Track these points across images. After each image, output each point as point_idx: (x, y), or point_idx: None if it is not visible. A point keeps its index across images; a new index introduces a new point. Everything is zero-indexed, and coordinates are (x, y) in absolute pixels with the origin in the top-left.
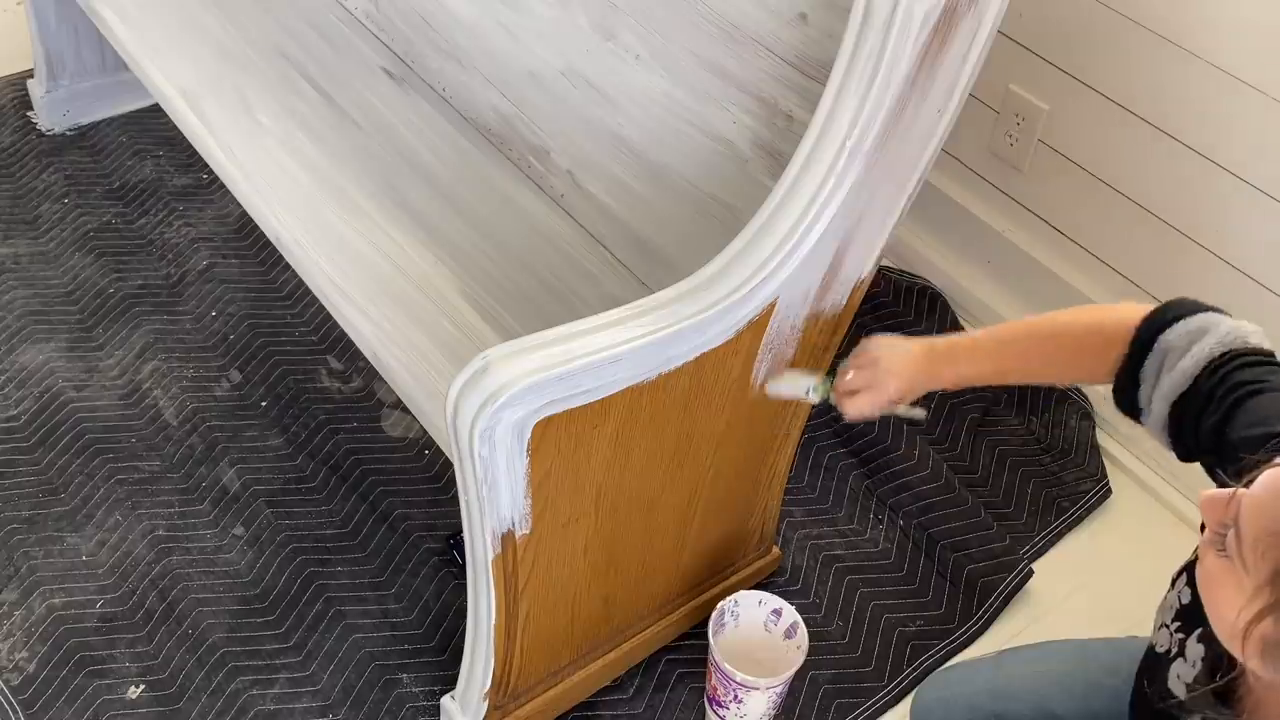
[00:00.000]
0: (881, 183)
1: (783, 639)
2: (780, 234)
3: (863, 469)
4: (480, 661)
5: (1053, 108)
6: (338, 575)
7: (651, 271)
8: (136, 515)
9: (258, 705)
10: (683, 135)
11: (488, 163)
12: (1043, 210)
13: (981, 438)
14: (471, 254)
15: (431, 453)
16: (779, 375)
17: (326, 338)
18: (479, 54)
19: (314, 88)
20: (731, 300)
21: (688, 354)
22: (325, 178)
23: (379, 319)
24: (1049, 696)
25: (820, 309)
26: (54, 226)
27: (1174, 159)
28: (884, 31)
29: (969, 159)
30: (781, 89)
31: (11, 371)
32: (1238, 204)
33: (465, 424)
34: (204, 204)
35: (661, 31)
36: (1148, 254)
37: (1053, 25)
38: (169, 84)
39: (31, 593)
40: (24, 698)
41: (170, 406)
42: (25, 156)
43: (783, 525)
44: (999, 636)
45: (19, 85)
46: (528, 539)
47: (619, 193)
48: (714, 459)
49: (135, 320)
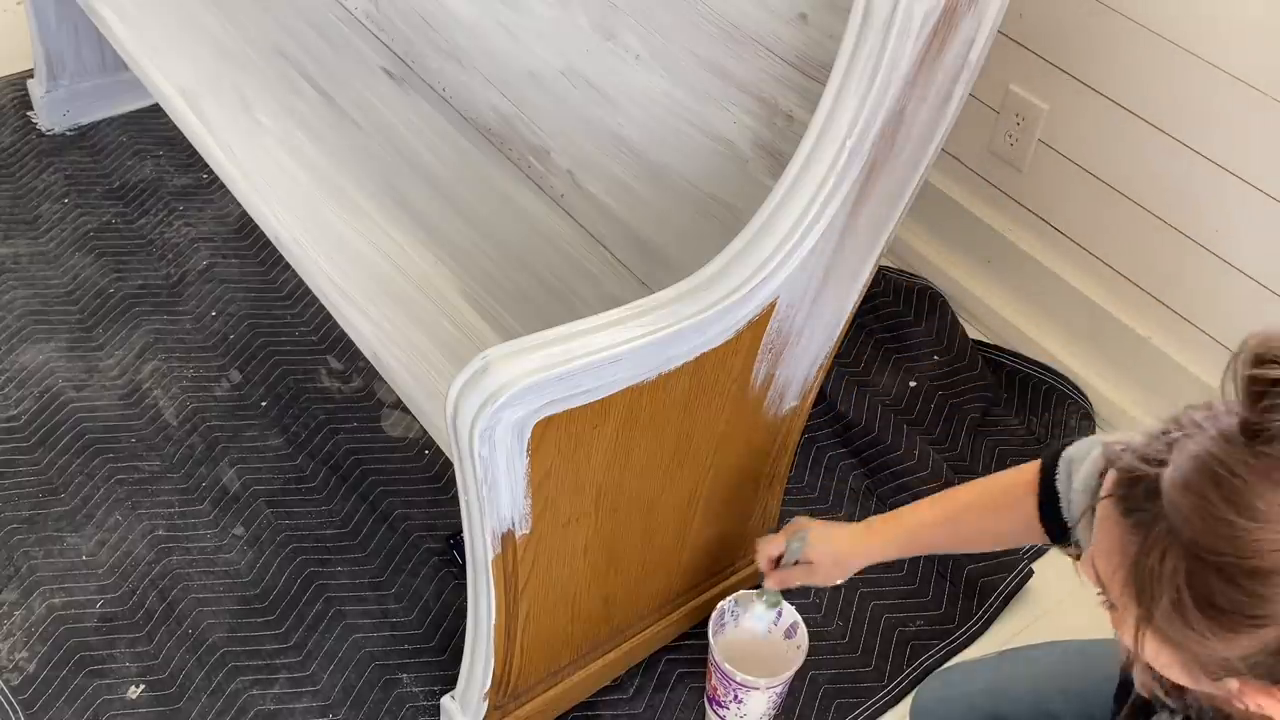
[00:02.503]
0: (881, 183)
1: (783, 639)
2: (780, 234)
3: (863, 469)
4: (480, 661)
5: (1053, 108)
6: (338, 575)
7: (651, 271)
8: (136, 515)
9: (258, 705)
10: (683, 135)
11: (488, 163)
12: (1043, 210)
13: (981, 438)
14: (471, 254)
15: (431, 453)
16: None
17: (326, 338)
18: (479, 54)
19: (314, 87)
20: (731, 300)
21: (688, 354)
22: (325, 177)
23: (379, 319)
24: (1048, 697)
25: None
26: (54, 226)
27: (1174, 159)
28: (884, 32)
29: (969, 159)
30: (781, 89)
31: (11, 371)
32: (1237, 204)
33: (465, 424)
34: (204, 204)
35: (661, 31)
36: (1147, 254)
37: (1053, 25)
38: (168, 83)
39: (31, 593)
40: (24, 698)
41: (170, 406)
42: (25, 156)
43: (782, 525)
44: (999, 636)
45: (19, 85)
46: (528, 539)
47: (619, 193)
48: (714, 459)
49: (135, 320)
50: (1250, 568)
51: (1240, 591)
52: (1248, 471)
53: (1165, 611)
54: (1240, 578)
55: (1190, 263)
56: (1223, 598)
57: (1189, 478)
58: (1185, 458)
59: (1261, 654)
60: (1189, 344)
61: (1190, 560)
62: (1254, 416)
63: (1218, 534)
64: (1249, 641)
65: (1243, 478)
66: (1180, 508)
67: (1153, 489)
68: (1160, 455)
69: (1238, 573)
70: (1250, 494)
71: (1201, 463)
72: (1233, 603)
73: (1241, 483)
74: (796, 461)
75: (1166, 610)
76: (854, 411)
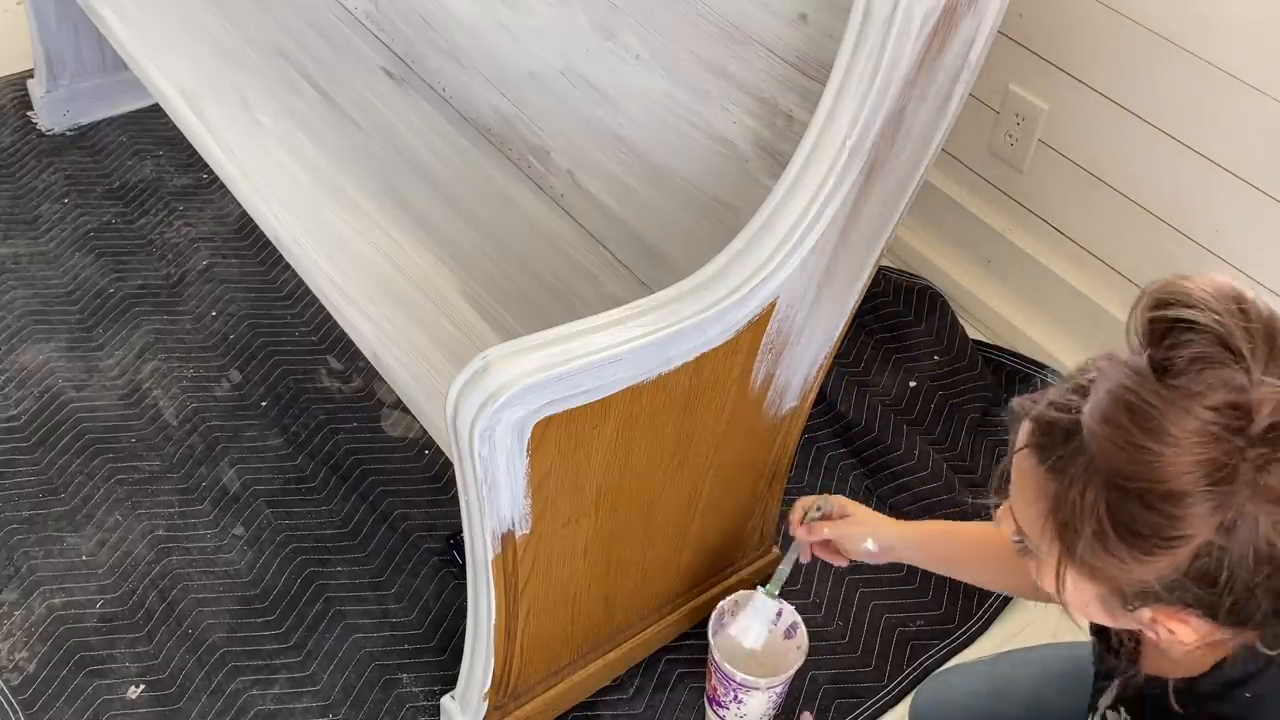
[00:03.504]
0: (881, 183)
1: (783, 639)
2: (780, 234)
3: (863, 469)
4: (480, 661)
5: (1053, 108)
6: (338, 575)
7: (651, 271)
8: (136, 515)
9: (258, 705)
10: (683, 135)
11: (488, 163)
12: (1043, 210)
13: (981, 437)
14: (471, 254)
15: (431, 453)
16: (738, 610)
17: (326, 338)
18: (479, 54)
19: (314, 87)
20: (731, 300)
21: (687, 354)
22: (325, 177)
23: (379, 319)
24: (1046, 699)
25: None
26: (54, 226)
27: (1174, 159)
28: (884, 31)
29: (969, 159)
30: (781, 89)
31: (11, 371)
32: (1237, 204)
33: (465, 424)
34: (204, 204)
35: (662, 31)
36: (1147, 253)
37: (1053, 25)
38: (168, 83)
39: (31, 593)
40: (24, 698)
41: (170, 406)
42: (25, 156)
43: (783, 525)
44: (999, 637)
45: (19, 85)
46: (528, 539)
47: (619, 193)
48: (714, 459)
49: (135, 320)
50: (1165, 491)
51: (1158, 515)
52: (1160, 401)
53: (1088, 543)
54: (1157, 501)
55: (1190, 263)
56: (1141, 523)
57: (1107, 411)
58: (1102, 394)
59: (1174, 574)
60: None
61: (1110, 490)
62: (1161, 354)
63: (1135, 461)
64: (1165, 563)
65: (1156, 407)
66: (1100, 439)
67: (1068, 432)
68: (1072, 402)
69: (1154, 497)
70: (1164, 421)
71: (1117, 397)
72: (1150, 526)
73: (1156, 411)
74: (796, 461)
75: (1089, 541)
76: (854, 411)
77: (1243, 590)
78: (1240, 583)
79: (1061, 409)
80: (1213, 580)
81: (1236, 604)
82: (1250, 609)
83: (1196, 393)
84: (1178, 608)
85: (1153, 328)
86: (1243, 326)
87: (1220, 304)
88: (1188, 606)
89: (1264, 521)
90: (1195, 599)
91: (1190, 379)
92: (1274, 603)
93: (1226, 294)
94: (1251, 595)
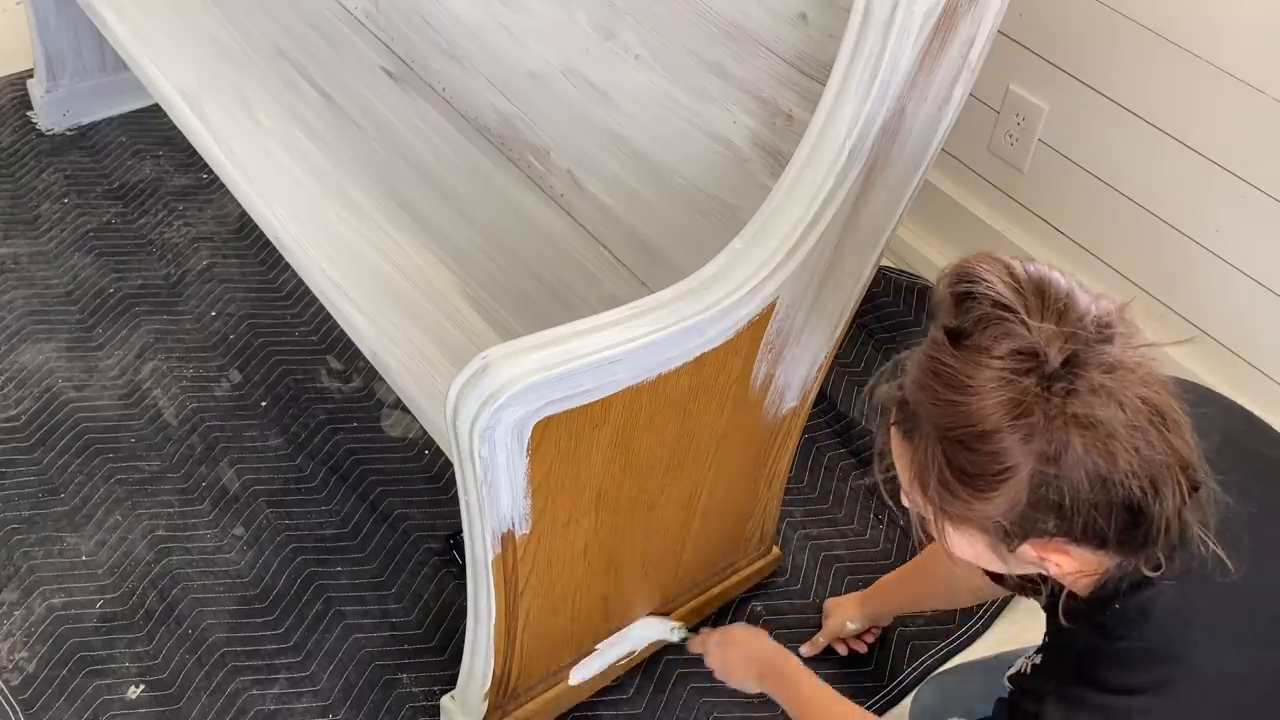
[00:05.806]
0: (881, 183)
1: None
2: (780, 234)
3: (863, 469)
4: (480, 661)
5: (1053, 108)
6: (338, 575)
7: (651, 271)
8: (136, 515)
9: (258, 705)
10: (683, 135)
11: (488, 163)
12: (1043, 210)
13: None
14: (471, 254)
15: (431, 453)
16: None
17: (326, 338)
18: (479, 54)
19: (314, 88)
20: (731, 300)
21: (687, 354)
22: (325, 177)
23: (379, 319)
24: None
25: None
26: (54, 226)
27: (1174, 159)
28: (884, 31)
29: (969, 159)
30: (781, 89)
31: (11, 371)
32: (1237, 204)
33: (465, 424)
34: (204, 204)
35: (661, 31)
36: (1147, 254)
37: (1053, 25)
38: (169, 84)
39: (31, 593)
40: (24, 698)
41: (170, 406)
42: (25, 156)
43: (783, 525)
44: (999, 636)
45: (19, 85)
46: (528, 539)
47: (619, 193)
48: (714, 459)
49: (135, 320)
50: (979, 432)
51: (979, 455)
52: (956, 361)
53: (938, 491)
54: (974, 442)
55: (1189, 262)
56: (970, 464)
57: (918, 378)
58: (913, 366)
59: (1021, 506)
60: (1189, 343)
61: (940, 442)
62: (954, 322)
63: (949, 413)
64: (1004, 498)
65: (954, 366)
66: (922, 402)
67: (904, 400)
68: (900, 378)
69: (972, 438)
70: (962, 376)
71: (922, 364)
72: (976, 465)
73: (955, 369)
74: (796, 461)
75: (938, 490)
76: (854, 411)
77: (1087, 510)
78: (1084, 503)
79: (898, 385)
80: (1058, 506)
81: (1088, 525)
82: (1100, 527)
83: (985, 347)
84: (1047, 539)
85: (943, 303)
86: (1013, 288)
87: (993, 273)
88: (1054, 536)
89: (1079, 444)
90: (1056, 527)
91: (978, 337)
92: (1120, 517)
93: (997, 264)
94: (1096, 513)
